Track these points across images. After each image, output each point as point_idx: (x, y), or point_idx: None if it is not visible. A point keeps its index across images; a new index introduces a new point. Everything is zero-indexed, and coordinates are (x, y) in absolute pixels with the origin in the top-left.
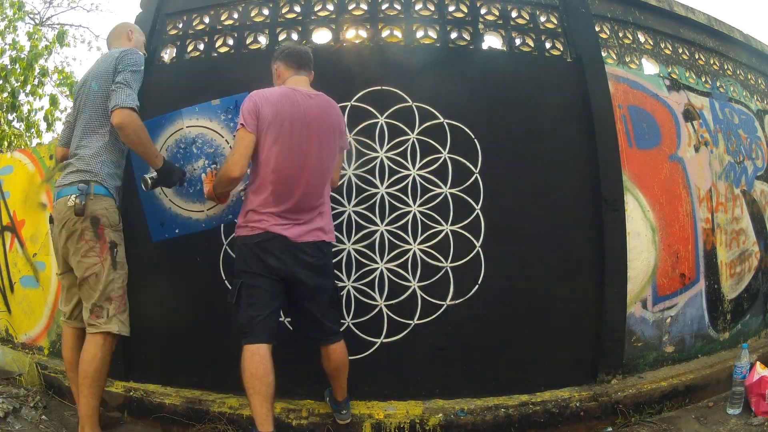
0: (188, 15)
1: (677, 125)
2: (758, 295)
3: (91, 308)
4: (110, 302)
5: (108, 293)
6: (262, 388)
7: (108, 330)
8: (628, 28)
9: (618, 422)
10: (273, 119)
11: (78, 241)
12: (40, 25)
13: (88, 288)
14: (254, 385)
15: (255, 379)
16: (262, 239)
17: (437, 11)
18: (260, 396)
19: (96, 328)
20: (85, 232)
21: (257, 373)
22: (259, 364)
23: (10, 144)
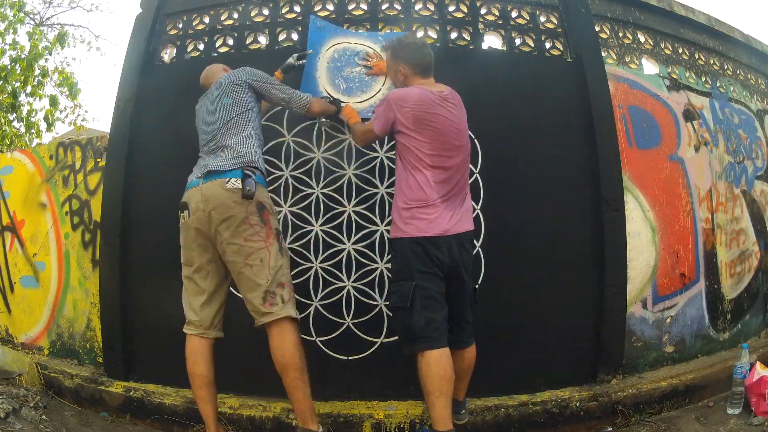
0: (188, 15)
1: (677, 125)
2: (758, 295)
3: (263, 296)
4: (282, 288)
5: (279, 279)
6: (450, 389)
7: (287, 314)
8: (628, 28)
9: (618, 422)
10: (415, 120)
11: (240, 225)
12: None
13: (250, 275)
14: (442, 387)
15: (444, 381)
16: (435, 235)
17: (437, 11)
18: (447, 397)
19: (273, 315)
20: (250, 216)
21: (446, 375)
22: (447, 366)
23: (10, 144)
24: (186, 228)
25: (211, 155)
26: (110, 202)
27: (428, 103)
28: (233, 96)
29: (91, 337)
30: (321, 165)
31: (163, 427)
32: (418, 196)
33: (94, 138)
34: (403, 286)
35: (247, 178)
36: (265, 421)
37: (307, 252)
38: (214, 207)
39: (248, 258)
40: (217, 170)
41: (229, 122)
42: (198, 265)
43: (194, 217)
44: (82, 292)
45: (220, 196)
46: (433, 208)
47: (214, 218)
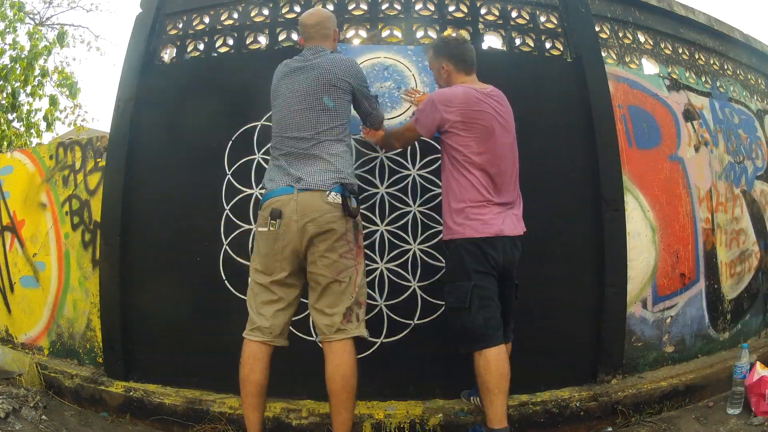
0: (188, 15)
1: (677, 125)
2: (758, 295)
3: (344, 312)
4: (360, 307)
5: (359, 298)
6: (507, 387)
7: (359, 334)
8: (628, 28)
9: (618, 422)
10: (462, 119)
11: (338, 240)
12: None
13: (338, 291)
14: (501, 384)
15: (503, 379)
16: (491, 235)
17: (437, 11)
18: (504, 394)
19: (347, 333)
20: (348, 233)
21: (506, 371)
22: (506, 363)
23: (10, 144)
24: (274, 237)
25: (303, 162)
26: (110, 202)
27: (473, 101)
28: (337, 100)
29: (91, 337)
30: None
31: (163, 427)
32: (471, 196)
33: (94, 138)
34: (460, 287)
35: (351, 195)
36: (265, 421)
37: None
38: (312, 219)
39: (339, 274)
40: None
41: (329, 131)
42: (280, 276)
43: (286, 227)
44: (82, 292)
45: (320, 209)
46: (486, 208)
47: (309, 230)
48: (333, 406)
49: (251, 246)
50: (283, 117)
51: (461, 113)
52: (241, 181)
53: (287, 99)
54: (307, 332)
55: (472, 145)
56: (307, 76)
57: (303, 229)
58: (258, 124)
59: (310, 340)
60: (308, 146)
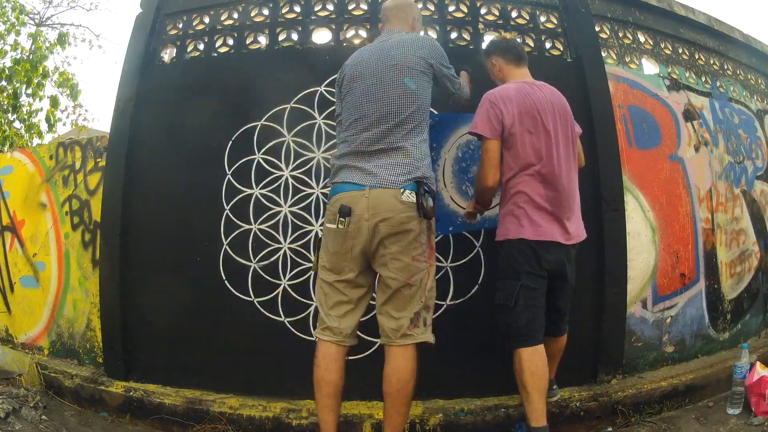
0: (188, 15)
1: (677, 125)
2: (758, 295)
3: (412, 318)
4: (428, 311)
5: (428, 302)
6: (543, 385)
7: (425, 340)
8: (628, 28)
9: (618, 422)
10: (519, 117)
11: (411, 242)
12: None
13: (408, 295)
14: (536, 383)
15: (537, 378)
16: (547, 240)
17: (437, 11)
18: (541, 393)
19: (413, 338)
20: (422, 234)
21: (540, 371)
22: (540, 362)
23: (11, 145)
24: (343, 235)
25: (378, 156)
26: (110, 202)
27: (525, 92)
28: (417, 81)
29: (91, 337)
30: (321, 165)
31: (163, 427)
32: (527, 198)
33: (94, 138)
34: (508, 285)
35: (426, 194)
36: (265, 421)
37: (307, 252)
38: (384, 219)
39: (411, 278)
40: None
41: (409, 117)
42: (349, 276)
43: (356, 226)
44: (82, 292)
45: (394, 209)
46: (544, 211)
47: (381, 230)
48: (386, 408)
49: (251, 246)
50: (357, 105)
51: (519, 108)
52: (241, 181)
53: (362, 87)
54: (307, 332)
55: (529, 140)
56: (382, 58)
57: (374, 228)
58: (258, 124)
59: (311, 340)
60: (383, 135)
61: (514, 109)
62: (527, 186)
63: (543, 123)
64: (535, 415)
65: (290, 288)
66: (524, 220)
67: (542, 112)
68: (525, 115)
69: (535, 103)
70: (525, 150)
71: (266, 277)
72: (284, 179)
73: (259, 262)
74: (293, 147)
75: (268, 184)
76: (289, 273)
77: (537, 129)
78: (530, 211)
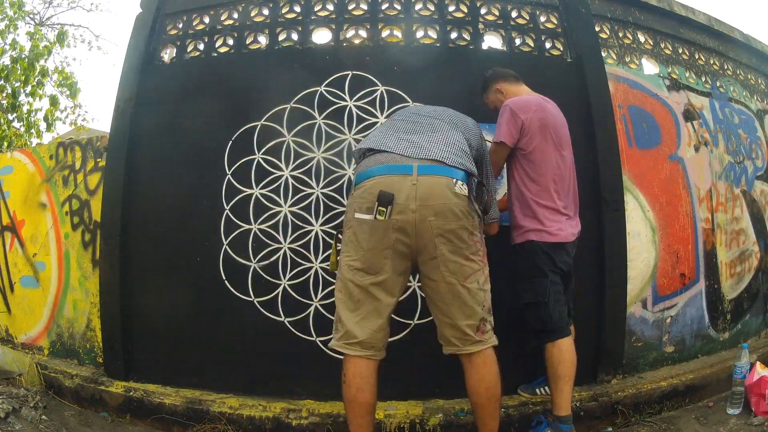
0: (188, 15)
1: (677, 125)
2: (758, 295)
3: (478, 324)
4: (490, 313)
5: (488, 305)
6: (574, 373)
7: (495, 342)
8: (628, 28)
9: (618, 422)
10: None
11: (465, 240)
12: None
13: (467, 299)
14: (571, 372)
15: (572, 367)
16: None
17: (437, 11)
18: (572, 381)
19: (484, 344)
20: (475, 231)
21: (574, 360)
22: (574, 352)
23: (10, 144)
24: (383, 228)
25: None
26: (110, 202)
27: (541, 105)
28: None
29: (91, 337)
30: (321, 165)
31: (163, 427)
32: (543, 203)
33: (94, 138)
34: (538, 283)
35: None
36: (265, 421)
37: (307, 252)
38: (437, 213)
39: (467, 279)
40: (440, 161)
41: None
42: (387, 276)
43: (402, 217)
44: (82, 292)
45: (448, 201)
46: (559, 214)
47: (433, 226)
48: (479, 417)
49: (251, 246)
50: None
51: (538, 116)
52: (241, 181)
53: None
54: (307, 332)
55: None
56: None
57: (423, 222)
58: (258, 124)
59: (310, 340)
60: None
61: (534, 117)
62: (545, 191)
63: (554, 132)
64: (566, 404)
65: (290, 288)
66: (544, 224)
67: (554, 123)
68: (542, 125)
69: (548, 115)
70: (543, 157)
71: (266, 277)
72: (284, 179)
73: (259, 262)
74: (293, 147)
75: (268, 184)
76: (289, 273)
77: (549, 137)
78: (548, 215)
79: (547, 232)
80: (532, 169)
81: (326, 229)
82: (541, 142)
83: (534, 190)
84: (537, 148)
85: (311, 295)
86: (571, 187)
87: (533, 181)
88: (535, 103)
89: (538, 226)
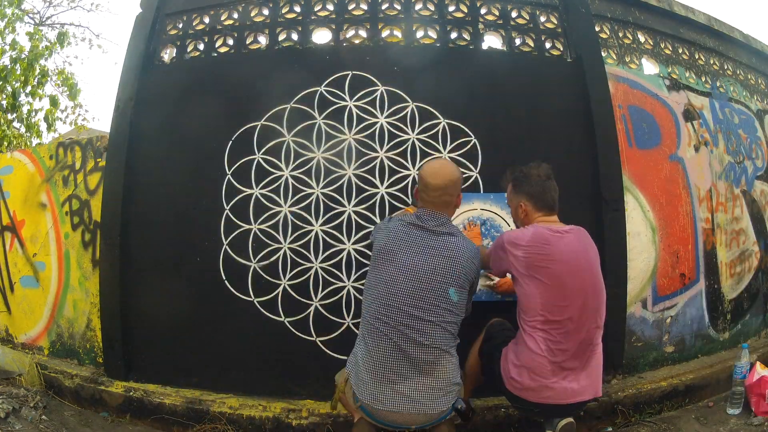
0: (188, 15)
1: (677, 125)
2: (758, 295)
3: None
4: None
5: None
6: None
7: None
8: (628, 28)
9: (618, 422)
10: (527, 265)
11: None
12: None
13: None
14: None
15: None
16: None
17: (437, 11)
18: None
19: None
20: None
21: None
22: None
23: (9, 144)
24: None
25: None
26: (110, 202)
27: (542, 244)
28: (460, 295)
29: (91, 337)
30: (321, 165)
31: (163, 427)
32: (526, 359)
33: (94, 138)
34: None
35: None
36: (265, 421)
37: (307, 252)
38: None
39: None
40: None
41: (446, 332)
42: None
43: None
44: (82, 292)
45: None
46: (543, 377)
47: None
48: None
49: (251, 246)
50: (395, 279)
51: (527, 257)
52: (241, 181)
53: (405, 263)
54: (307, 332)
55: (535, 294)
56: (434, 252)
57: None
58: (258, 124)
59: (310, 340)
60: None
61: (522, 257)
62: (528, 346)
63: (554, 271)
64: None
65: (290, 288)
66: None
67: (554, 259)
68: (533, 263)
69: (548, 249)
70: (532, 300)
71: (266, 277)
72: (284, 179)
73: (259, 262)
74: (293, 147)
75: (268, 184)
76: (289, 273)
77: (547, 276)
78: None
79: (523, 389)
80: (520, 316)
81: (326, 229)
82: (529, 283)
83: (524, 340)
84: (525, 291)
85: (311, 295)
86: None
87: (522, 329)
88: (528, 236)
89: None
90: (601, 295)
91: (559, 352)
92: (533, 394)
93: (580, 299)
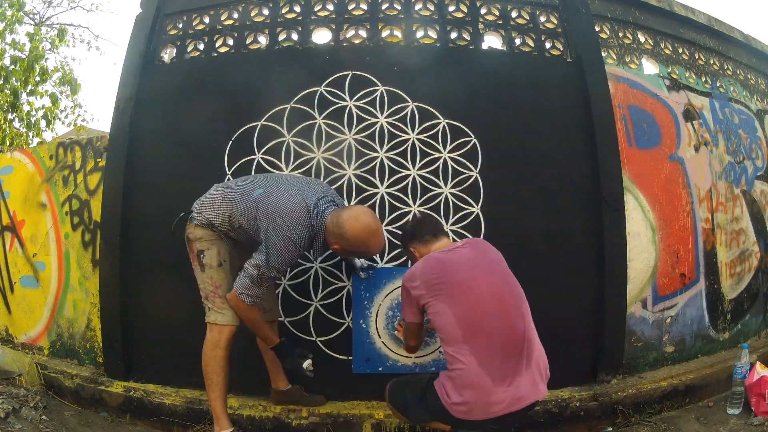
0: (188, 15)
1: (677, 125)
2: (758, 295)
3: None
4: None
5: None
6: None
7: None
8: (628, 28)
9: (618, 422)
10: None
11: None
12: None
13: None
14: None
15: None
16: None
17: (437, 11)
18: None
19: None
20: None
21: None
22: None
23: (10, 143)
24: None
25: None
26: (110, 202)
27: (434, 264)
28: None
29: (91, 337)
30: (321, 165)
31: (163, 427)
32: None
33: (94, 138)
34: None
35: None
36: (265, 421)
37: (307, 252)
38: None
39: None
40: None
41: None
42: None
43: None
44: (82, 292)
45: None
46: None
47: None
48: None
49: None
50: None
51: (426, 283)
52: None
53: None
54: (307, 332)
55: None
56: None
57: None
58: (258, 124)
59: (310, 339)
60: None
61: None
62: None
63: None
64: None
65: (290, 288)
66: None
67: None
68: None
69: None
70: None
71: None
72: None
73: None
74: (293, 147)
75: None
76: (290, 273)
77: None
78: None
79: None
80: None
81: None
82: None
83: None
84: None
85: (311, 295)
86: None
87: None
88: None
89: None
90: (516, 289)
91: (491, 357)
92: (481, 411)
93: (494, 300)
